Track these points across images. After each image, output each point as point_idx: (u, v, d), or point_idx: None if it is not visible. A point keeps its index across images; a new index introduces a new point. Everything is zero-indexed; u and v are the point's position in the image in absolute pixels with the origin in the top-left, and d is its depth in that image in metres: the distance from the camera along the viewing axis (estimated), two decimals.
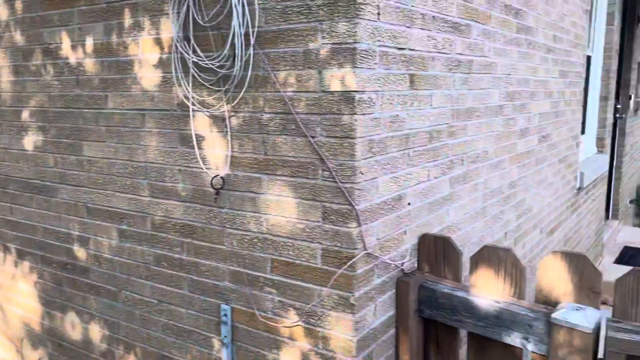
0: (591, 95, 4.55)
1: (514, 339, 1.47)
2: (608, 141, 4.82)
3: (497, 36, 2.18)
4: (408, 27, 1.55)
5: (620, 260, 5.13)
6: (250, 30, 1.47)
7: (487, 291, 1.59)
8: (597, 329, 1.37)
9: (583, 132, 4.55)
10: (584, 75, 3.63)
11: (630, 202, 6.56)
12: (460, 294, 1.57)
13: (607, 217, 5.89)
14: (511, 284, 1.56)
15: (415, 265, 1.73)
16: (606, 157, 4.61)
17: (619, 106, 5.68)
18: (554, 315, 1.39)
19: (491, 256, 1.59)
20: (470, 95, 2.00)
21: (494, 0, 2.11)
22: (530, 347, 1.45)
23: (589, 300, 1.44)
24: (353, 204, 1.40)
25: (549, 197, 3.13)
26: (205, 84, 1.60)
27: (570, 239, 3.72)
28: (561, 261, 1.47)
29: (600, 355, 1.40)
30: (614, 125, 5.72)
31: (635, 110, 6.22)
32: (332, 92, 1.39)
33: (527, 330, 1.45)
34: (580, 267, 1.45)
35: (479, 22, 1.99)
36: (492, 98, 2.20)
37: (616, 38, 4.58)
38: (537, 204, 2.92)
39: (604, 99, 4.59)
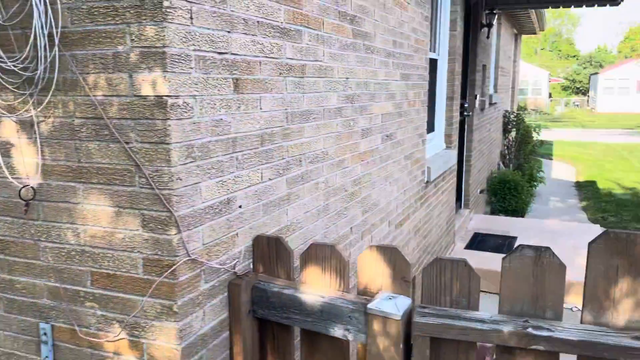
0: (439, 95, 4.94)
1: (337, 331, 1.56)
2: (455, 137, 5.26)
3: (332, 41, 2.27)
4: (229, 32, 1.56)
5: (470, 245, 5.65)
6: (55, 30, 1.38)
7: (316, 287, 1.66)
8: (408, 315, 1.49)
9: (433, 129, 4.93)
10: (428, 78, 3.93)
11: (480, 192, 7.25)
12: (289, 291, 1.62)
13: (459, 207, 6.45)
14: (337, 279, 1.64)
15: (251, 266, 1.76)
16: (454, 152, 5.04)
17: (466, 105, 6.23)
18: (369, 305, 1.49)
19: (318, 253, 1.66)
20: (306, 98, 2.07)
21: (326, 7, 2.20)
22: (350, 337, 1.54)
23: (401, 289, 1.56)
24: (172, 210, 1.38)
25: (397, 191, 3.35)
26: (9, 87, 1.48)
27: (420, 230, 4.02)
28: (377, 254, 1.58)
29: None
30: (462, 122, 6.28)
31: (482, 109, 6.87)
32: (144, 97, 1.35)
33: (348, 322, 1.53)
34: (393, 258, 1.56)
35: (310, 28, 2.06)
36: (330, 101, 2.30)
37: (459, 43, 5.02)
38: (384, 199, 3.11)
39: (449, 98, 5.00)
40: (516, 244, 5.63)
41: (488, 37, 6.42)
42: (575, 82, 51.67)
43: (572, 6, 5.89)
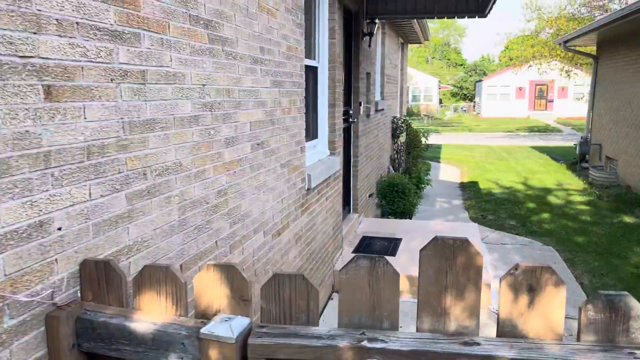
0: (321, 102, 4.97)
1: None
2: (340, 144, 5.32)
3: (181, 46, 2.15)
4: (35, 33, 1.38)
5: (358, 249, 5.74)
6: None
7: (151, 313, 1.52)
8: (245, 337, 1.40)
9: (316, 136, 4.95)
10: (304, 85, 3.91)
11: (370, 196, 7.43)
12: (116, 320, 1.47)
13: (348, 212, 6.55)
14: (174, 303, 1.51)
15: (79, 294, 1.58)
16: (337, 159, 5.09)
17: (351, 112, 6.35)
18: (202, 330, 1.38)
19: (152, 276, 1.52)
20: (149, 106, 1.92)
21: (172, 10, 2.07)
22: None
23: (240, 309, 1.47)
24: None
25: (273, 200, 3.28)
26: None
27: (303, 237, 3.98)
28: (215, 274, 1.48)
29: None
30: (348, 129, 6.39)
31: (367, 115, 7.04)
32: None
33: (182, 349, 1.42)
34: (231, 277, 1.47)
35: (152, 31, 1.93)
36: (182, 109, 2.17)
37: (339, 50, 5.09)
38: (257, 209, 3.02)
39: (331, 105, 5.05)
40: (401, 245, 5.82)
41: (370, 45, 6.59)
42: (463, 89, 55.40)
43: (445, 17, 6.22)
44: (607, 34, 10.92)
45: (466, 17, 6.19)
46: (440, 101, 50.82)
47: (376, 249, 5.74)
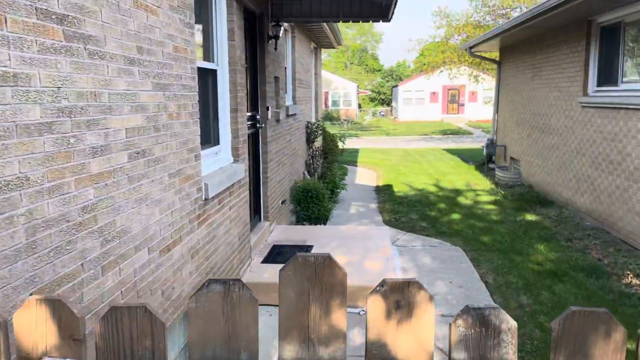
0: (222, 107, 4.74)
1: None
2: (244, 150, 5.12)
3: (26, 44, 1.87)
4: None
5: (268, 258, 5.56)
6: None
7: None
8: None
9: (217, 143, 4.71)
10: (197, 88, 3.68)
11: (282, 202, 7.27)
12: None
13: (259, 220, 6.35)
14: None
15: None
16: (242, 166, 4.88)
17: (258, 117, 6.17)
18: None
19: None
20: None
21: (11, 2, 1.79)
22: None
23: (71, 351, 1.24)
24: None
25: (159, 214, 3.02)
26: None
27: (200, 251, 3.74)
28: (39, 309, 1.24)
29: None
30: (256, 134, 6.20)
31: (277, 120, 6.89)
32: None
33: None
34: (58, 312, 1.24)
35: None
36: (29, 114, 1.88)
37: (239, 53, 4.89)
38: (138, 224, 2.75)
39: (234, 110, 4.84)
40: (312, 252, 5.70)
41: (276, 48, 6.46)
42: (381, 94, 56.97)
43: (350, 20, 6.22)
44: (508, 40, 11.53)
45: (370, 21, 6.22)
46: (360, 106, 51.92)
47: (287, 257, 5.58)
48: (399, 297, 1.23)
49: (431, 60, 25.68)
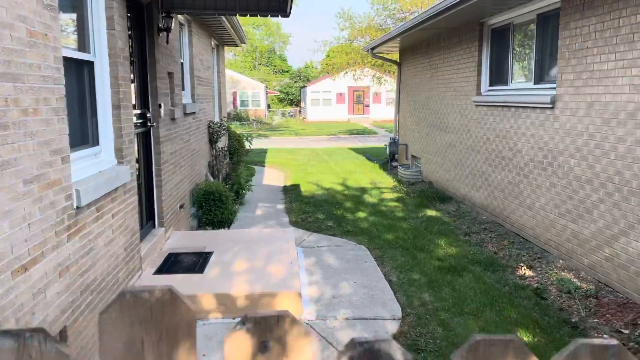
0: (101, 104, 4.25)
1: None
2: (131, 151, 4.65)
3: None
4: None
5: (162, 268, 5.11)
6: None
7: None
8: None
9: (97, 143, 4.22)
10: (63, 80, 3.20)
11: (180, 207, 6.81)
12: None
13: (153, 226, 5.86)
14: None
15: None
16: (126, 168, 4.41)
17: (149, 115, 5.68)
18: None
19: None
20: None
21: None
22: None
23: None
24: None
25: (9, 228, 2.54)
26: None
27: (72, 267, 3.26)
28: None
29: None
30: (147, 134, 5.71)
31: (172, 119, 6.42)
32: None
33: None
34: None
35: None
36: None
37: (121, 44, 4.42)
38: None
39: (116, 107, 4.36)
40: (211, 259, 5.33)
41: (168, 42, 5.99)
42: (289, 95, 57.00)
43: (247, 14, 5.92)
44: (407, 41, 11.79)
45: (269, 15, 5.95)
46: (269, 106, 51.58)
47: (183, 266, 5.17)
48: (267, 335, 0.97)
49: (336, 61, 25.97)
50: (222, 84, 12.27)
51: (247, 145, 14.01)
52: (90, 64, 4.12)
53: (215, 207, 7.76)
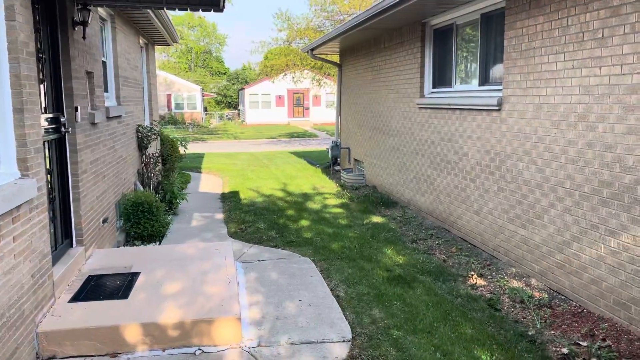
0: None
1: None
2: (38, 161, 4.00)
3: None
4: None
5: (79, 295, 4.47)
6: None
7: None
8: None
9: None
10: None
11: (104, 221, 6.13)
12: None
13: (69, 246, 5.19)
14: None
15: None
16: (32, 182, 3.77)
17: (63, 119, 5.01)
18: None
19: None
20: None
21: None
22: None
23: None
24: None
25: None
26: None
27: None
28: None
29: None
30: (61, 140, 5.04)
31: (92, 123, 5.75)
32: None
33: None
34: None
35: None
36: None
37: (24, 37, 3.78)
38: None
39: (18, 111, 3.72)
40: (138, 282, 4.75)
41: (84, 37, 5.33)
42: (227, 97, 55.86)
43: (176, 8, 5.38)
44: (348, 42, 11.53)
45: (201, 10, 5.43)
46: (206, 109, 50.25)
47: (105, 290, 4.55)
48: None
49: (275, 63, 25.49)
50: (152, 85, 11.51)
51: (181, 150, 13.28)
52: None
53: (144, 220, 7.11)
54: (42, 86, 4.59)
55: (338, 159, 14.00)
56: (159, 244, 7.16)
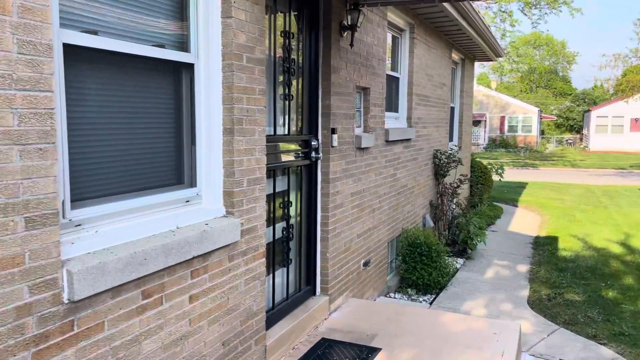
0: (203, 127, 2.90)
1: None
2: (254, 196, 3.19)
3: None
4: None
5: None
6: None
7: None
8: None
9: (192, 184, 2.87)
10: (56, 84, 1.88)
11: (365, 264, 5.12)
12: None
13: (312, 293, 4.33)
14: None
15: None
16: (235, 222, 2.95)
17: (314, 143, 4.19)
18: None
19: None
20: None
21: None
22: None
23: None
24: None
25: None
26: None
27: None
28: None
29: None
30: (309, 168, 4.22)
31: (360, 148, 4.81)
32: None
33: None
34: None
35: None
36: None
37: (245, 39, 3.00)
38: None
39: (228, 132, 2.96)
40: None
41: (352, 44, 4.40)
42: (569, 120, 50.07)
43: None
44: None
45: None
46: (542, 132, 46.08)
47: None
48: None
49: (632, 78, 20.72)
50: (465, 105, 10.20)
51: (496, 178, 11.58)
52: (188, 67, 2.81)
53: (421, 265, 5.85)
54: (287, 103, 3.85)
55: None
56: (435, 298, 5.78)
